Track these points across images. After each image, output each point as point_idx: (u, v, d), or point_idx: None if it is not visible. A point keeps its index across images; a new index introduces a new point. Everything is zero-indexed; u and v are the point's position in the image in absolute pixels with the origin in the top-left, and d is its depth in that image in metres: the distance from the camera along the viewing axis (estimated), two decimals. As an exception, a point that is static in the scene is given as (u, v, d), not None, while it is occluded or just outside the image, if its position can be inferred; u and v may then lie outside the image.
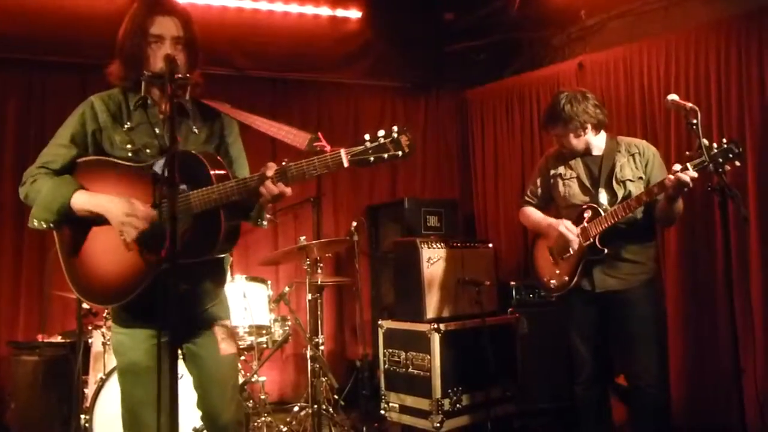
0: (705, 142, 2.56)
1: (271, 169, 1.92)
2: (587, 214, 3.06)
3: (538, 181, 3.37)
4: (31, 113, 4.72)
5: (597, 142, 3.14)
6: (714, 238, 3.91)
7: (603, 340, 3.16)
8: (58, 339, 4.17)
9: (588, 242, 3.02)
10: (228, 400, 2.18)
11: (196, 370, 2.16)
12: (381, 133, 1.83)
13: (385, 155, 1.81)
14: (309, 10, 5.21)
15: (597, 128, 3.11)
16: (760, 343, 3.66)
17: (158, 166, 1.97)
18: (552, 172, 3.27)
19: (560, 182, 3.22)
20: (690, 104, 2.58)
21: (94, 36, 4.68)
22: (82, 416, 3.49)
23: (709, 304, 3.96)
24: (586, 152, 3.16)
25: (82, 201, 2.00)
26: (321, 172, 1.86)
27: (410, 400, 4.11)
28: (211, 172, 1.95)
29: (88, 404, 3.44)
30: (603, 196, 3.07)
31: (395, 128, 1.83)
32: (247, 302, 4.03)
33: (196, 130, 2.16)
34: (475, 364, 4.05)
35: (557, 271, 3.17)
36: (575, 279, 3.08)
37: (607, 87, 4.64)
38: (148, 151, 2.08)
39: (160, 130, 2.10)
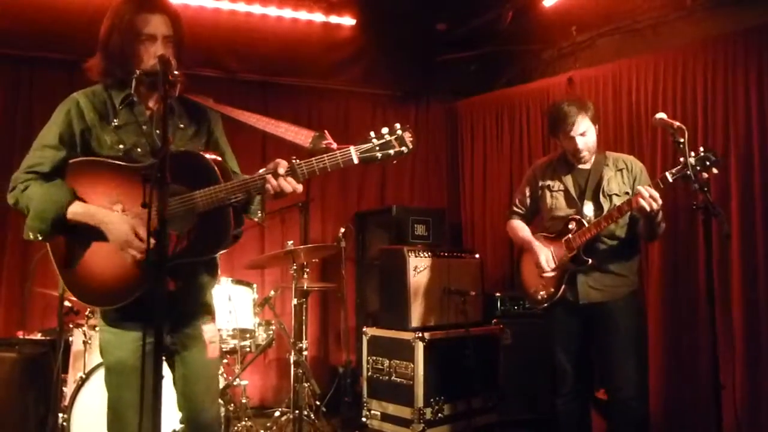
0: (691, 161, 2.60)
1: (282, 167, 1.92)
2: (571, 225, 3.09)
3: (527, 191, 3.38)
4: (18, 109, 4.68)
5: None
6: (696, 253, 3.95)
7: (585, 353, 3.18)
8: (38, 336, 4.11)
9: (572, 253, 3.05)
10: (211, 400, 2.19)
11: (182, 369, 2.13)
12: (385, 130, 1.89)
13: (392, 151, 1.88)
14: (302, 15, 5.22)
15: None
16: (739, 359, 3.70)
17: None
18: (540, 183, 3.29)
19: (548, 194, 3.25)
20: (677, 123, 2.62)
21: (83, 32, 4.63)
22: (60, 415, 3.44)
23: (690, 320, 4.00)
24: (580, 162, 3.16)
25: (79, 213, 1.96)
26: (332, 169, 1.89)
27: (392, 408, 4.11)
28: (215, 168, 1.94)
29: (66, 403, 3.40)
30: (588, 209, 3.09)
31: (398, 125, 1.89)
32: (231, 305, 4.01)
33: (182, 126, 2.13)
34: (458, 374, 4.06)
35: (543, 283, 3.19)
36: (560, 290, 3.10)
37: (596, 103, 4.65)
38: (138, 150, 2.04)
39: (148, 129, 2.05)
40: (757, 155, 3.78)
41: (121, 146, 2.02)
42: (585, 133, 3.06)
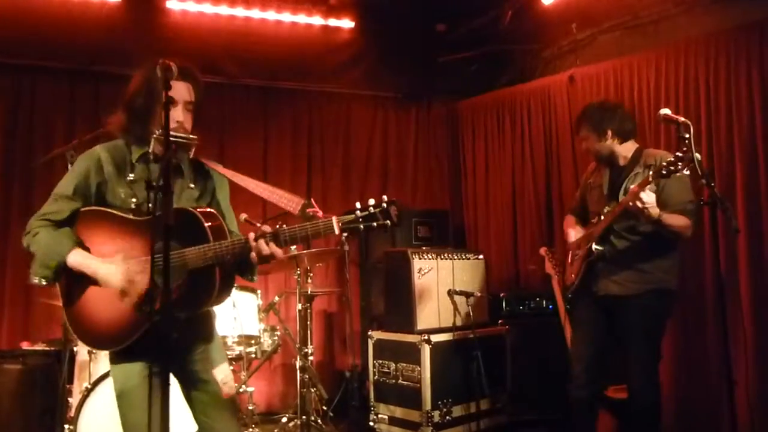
0: (697, 156, 2.57)
1: (266, 229, 2.02)
2: (594, 220, 3.25)
3: (579, 190, 3.56)
4: (19, 119, 4.67)
5: (623, 151, 3.21)
6: (703, 249, 3.93)
7: (601, 344, 3.22)
8: (43, 347, 4.10)
9: (590, 242, 3.16)
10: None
11: (200, 413, 2.21)
12: (371, 202, 1.94)
13: (375, 224, 1.92)
14: (302, 19, 5.22)
15: (621, 137, 3.18)
16: (750, 354, 3.67)
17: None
18: (588, 180, 3.44)
19: (590, 190, 3.39)
20: (682, 118, 2.60)
21: (84, 42, 4.66)
22: (66, 426, 3.43)
23: (699, 316, 3.97)
24: (613, 161, 3.24)
25: (77, 262, 2.05)
26: (313, 238, 1.96)
27: (400, 412, 4.09)
28: (207, 227, 2.01)
29: (72, 414, 3.38)
30: (614, 205, 3.13)
31: (385, 198, 1.94)
32: (236, 312, 3.99)
33: (191, 186, 2.24)
34: (465, 376, 4.04)
35: (571, 272, 3.33)
36: (579, 279, 3.23)
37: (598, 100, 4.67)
38: (150, 206, 2.06)
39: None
40: (761, 149, 3.75)
41: (133, 200, 2.12)
42: (585, 138, 3.27)
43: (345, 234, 1.94)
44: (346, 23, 5.35)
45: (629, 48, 4.62)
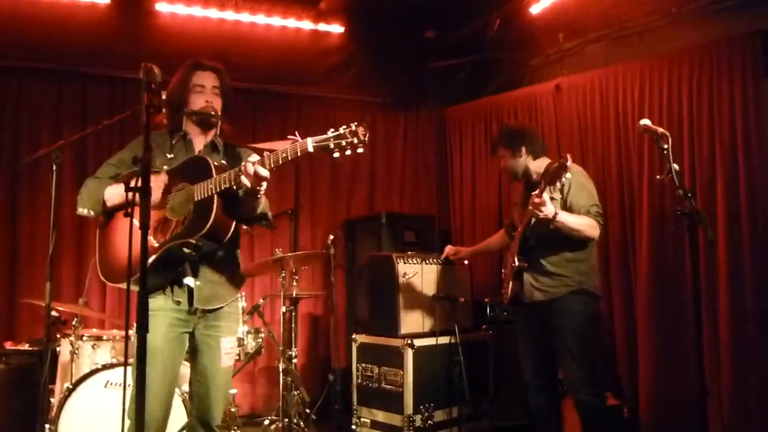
0: (675, 166, 2.62)
1: (253, 156, 2.29)
2: (514, 234, 3.38)
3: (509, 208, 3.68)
4: (5, 119, 4.65)
5: (536, 167, 3.36)
6: (684, 259, 3.98)
7: (543, 350, 3.31)
8: (26, 347, 4.09)
9: (514, 257, 3.29)
10: (220, 405, 2.59)
11: (195, 374, 2.55)
12: (343, 126, 2.14)
13: (343, 142, 2.11)
14: (291, 23, 5.23)
15: (533, 154, 3.38)
16: (726, 364, 3.72)
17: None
18: (513, 197, 3.62)
19: (513, 207, 3.56)
20: (661, 129, 2.65)
21: (72, 43, 4.66)
22: (47, 426, 3.41)
23: (678, 325, 4.01)
24: (528, 177, 3.40)
25: (110, 190, 2.47)
26: (292, 156, 2.16)
27: (382, 416, 4.11)
28: (213, 166, 2.32)
29: (53, 414, 3.37)
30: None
31: (354, 123, 2.14)
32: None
33: (224, 162, 2.53)
34: (448, 381, 4.06)
35: (506, 287, 3.41)
36: (509, 291, 3.34)
37: (583, 109, 4.73)
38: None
39: None
40: (741, 161, 3.81)
41: (165, 167, 2.49)
42: (501, 156, 3.46)
43: (322, 151, 2.14)
44: (336, 28, 5.37)
45: (615, 58, 4.68)
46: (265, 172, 2.19)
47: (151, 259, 2.25)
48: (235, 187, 2.25)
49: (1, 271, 4.53)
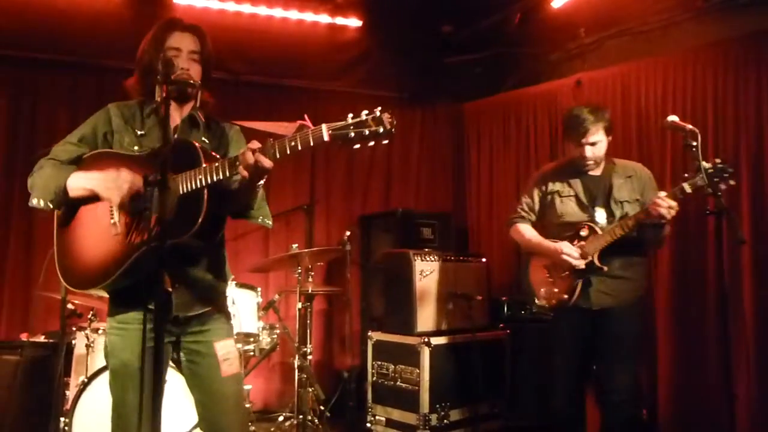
0: (705, 164, 2.55)
1: (254, 144, 1.92)
2: (584, 232, 3.07)
3: (536, 197, 3.33)
4: (22, 111, 4.64)
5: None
6: (706, 260, 3.90)
7: (587, 359, 3.17)
8: (42, 339, 4.09)
9: (587, 260, 3.02)
10: (231, 420, 2.17)
11: (196, 391, 2.16)
12: (365, 112, 1.82)
13: (366, 131, 1.79)
14: (308, 17, 5.20)
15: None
16: (753, 368, 3.64)
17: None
18: (550, 187, 3.25)
19: (557, 199, 3.22)
20: (690, 126, 2.58)
21: (87, 34, 4.65)
22: (62, 419, 3.41)
23: (701, 328, 3.93)
24: (584, 171, 3.16)
25: (76, 179, 2.05)
26: (303, 146, 1.85)
27: (397, 414, 4.07)
28: (201, 155, 1.97)
29: (68, 407, 3.36)
30: (600, 215, 3.09)
31: (379, 108, 1.82)
32: (235, 309, 3.95)
33: (205, 140, 2.21)
34: (464, 379, 4.02)
35: (555, 289, 3.15)
36: (575, 296, 3.06)
37: (604, 105, 4.63)
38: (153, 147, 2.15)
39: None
40: (767, 160, 3.72)
41: (136, 148, 2.13)
42: (596, 143, 3.07)
43: (339, 142, 1.83)
44: (353, 22, 5.33)
45: (637, 53, 4.59)
46: (267, 163, 1.87)
47: (126, 264, 1.98)
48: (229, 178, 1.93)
49: (17, 262, 4.53)
